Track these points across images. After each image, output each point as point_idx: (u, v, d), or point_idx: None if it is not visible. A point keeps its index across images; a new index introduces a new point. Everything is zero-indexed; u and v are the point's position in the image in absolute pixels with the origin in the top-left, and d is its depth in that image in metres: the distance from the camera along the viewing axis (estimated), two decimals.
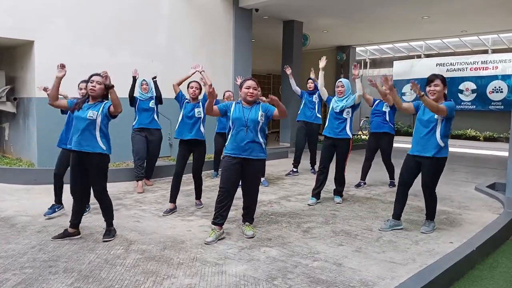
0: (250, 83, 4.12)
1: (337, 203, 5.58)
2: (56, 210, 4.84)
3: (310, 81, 7.61)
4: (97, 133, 3.94)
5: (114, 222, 4.15)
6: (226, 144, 4.21)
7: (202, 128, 5.22)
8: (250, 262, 3.50)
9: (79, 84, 4.77)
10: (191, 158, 5.27)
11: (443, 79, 4.24)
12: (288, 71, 7.20)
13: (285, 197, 5.97)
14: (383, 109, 6.47)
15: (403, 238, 4.17)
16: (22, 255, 3.59)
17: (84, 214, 4.68)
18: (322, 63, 5.67)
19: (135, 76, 6.33)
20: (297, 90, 7.69)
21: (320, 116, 7.77)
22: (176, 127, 5.25)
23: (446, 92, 4.28)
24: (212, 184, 6.73)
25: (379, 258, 3.63)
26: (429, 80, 4.25)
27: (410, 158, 4.42)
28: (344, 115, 5.43)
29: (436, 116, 4.19)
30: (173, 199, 5.10)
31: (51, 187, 4.88)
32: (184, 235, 4.20)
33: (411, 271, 3.33)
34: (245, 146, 4.06)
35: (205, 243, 3.94)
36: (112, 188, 5.48)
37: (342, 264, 3.50)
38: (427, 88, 4.25)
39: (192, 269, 3.35)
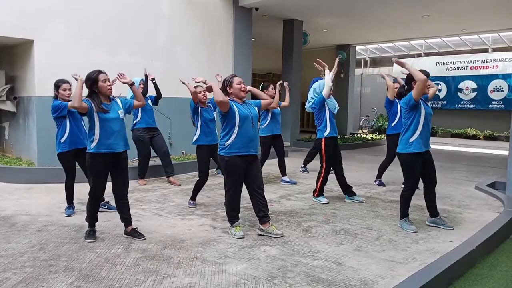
0: (239, 78, 4.15)
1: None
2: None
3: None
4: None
5: (114, 222, 4.16)
6: (225, 143, 4.05)
7: None
8: (250, 261, 3.51)
9: (61, 85, 4.68)
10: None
11: None
12: None
13: (285, 196, 5.97)
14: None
15: (403, 237, 4.17)
16: (22, 254, 3.59)
17: (72, 215, 4.77)
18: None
19: (147, 75, 6.45)
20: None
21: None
22: (198, 134, 5.19)
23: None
24: (212, 183, 6.71)
25: (379, 257, 3.63)
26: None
27: (419, 158, 4.30)
28: None
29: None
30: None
31: (51, 186, 4.90)
32: (184, 234, 4.20)
33: (411, 270, 3.33)
34: (252, 142, 4.10)
35: (238, 238, 4.01)
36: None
37: (342, 263, 3.50)
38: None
39: (192, 268, 3.35)
